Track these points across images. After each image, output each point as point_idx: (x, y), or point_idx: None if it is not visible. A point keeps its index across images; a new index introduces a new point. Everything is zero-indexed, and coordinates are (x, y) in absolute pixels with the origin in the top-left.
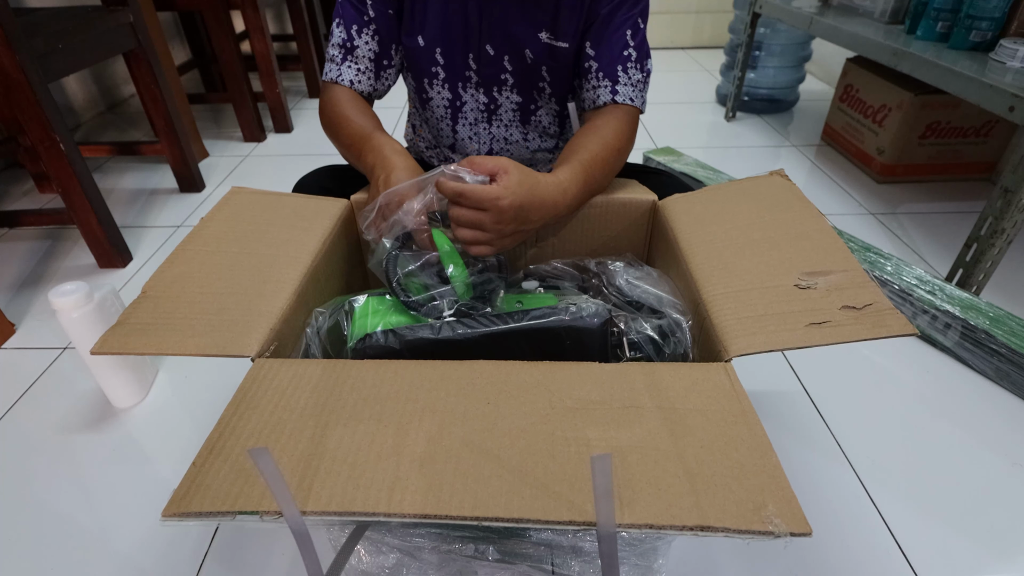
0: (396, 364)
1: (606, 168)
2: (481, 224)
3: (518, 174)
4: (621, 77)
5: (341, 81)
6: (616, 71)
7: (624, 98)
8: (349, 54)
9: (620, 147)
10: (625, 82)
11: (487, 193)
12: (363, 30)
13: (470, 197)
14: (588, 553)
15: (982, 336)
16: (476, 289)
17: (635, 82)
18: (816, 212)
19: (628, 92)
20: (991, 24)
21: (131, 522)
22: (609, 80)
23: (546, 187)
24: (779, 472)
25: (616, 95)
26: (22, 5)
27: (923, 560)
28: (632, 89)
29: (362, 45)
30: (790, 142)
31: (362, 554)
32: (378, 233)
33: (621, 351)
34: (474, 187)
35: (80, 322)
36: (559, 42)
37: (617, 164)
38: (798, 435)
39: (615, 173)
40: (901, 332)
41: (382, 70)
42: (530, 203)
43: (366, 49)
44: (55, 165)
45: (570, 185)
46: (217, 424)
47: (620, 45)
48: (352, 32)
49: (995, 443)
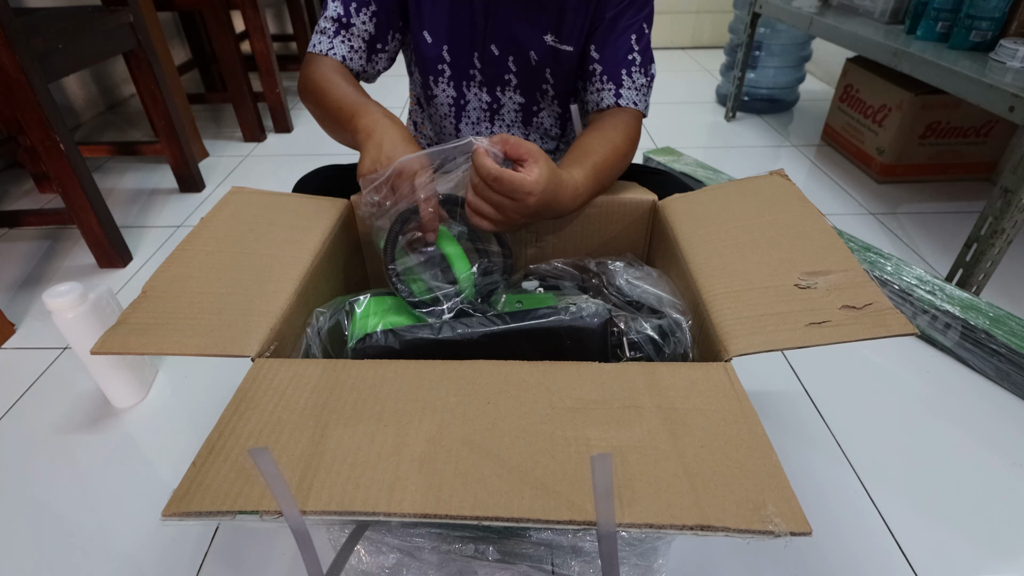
0: (396, 364)
1: (612, 172)
2: (503, 209)
3: (548, 170)
4: (625, 81)
5: (333, 55)
6: (620, 75)
7: (628, 102)
8: (344, 29)
9: (626, 151)
10: (629, 86)
11: (522, 186)
12: (362, 9)
13: (505, 184)
14: (588, 553)
15: (982, 336)
16: (478, 289)
17: (639, 86)
18: (816, 212)
19: (632, 96)
20: (991, 24)
21: (131, 522)
22: (613, 83)
23: (566, 189)
24: (779, 472)
25: (620, 98)
26: (22, 5)
27: (923, 560)
28: (636, 93)
29: (359, 23)
30: (790, 142)
31: (362, 554)
32: (382, 203)
33: (621, 351)
34: (512, 176)
35: (75, 322)
36: (563, 45)
37: (622, 167)
38: (798, 435)
39: (619, 176)
40: (901, 332)
41: (374, 53)
42: (551, 203)
43: (362, 28)
44: (55, 165)
45: (584, 190)
46: (217, 424)
47: (625, 49)
48: (350, 8)
49: (995, 443)
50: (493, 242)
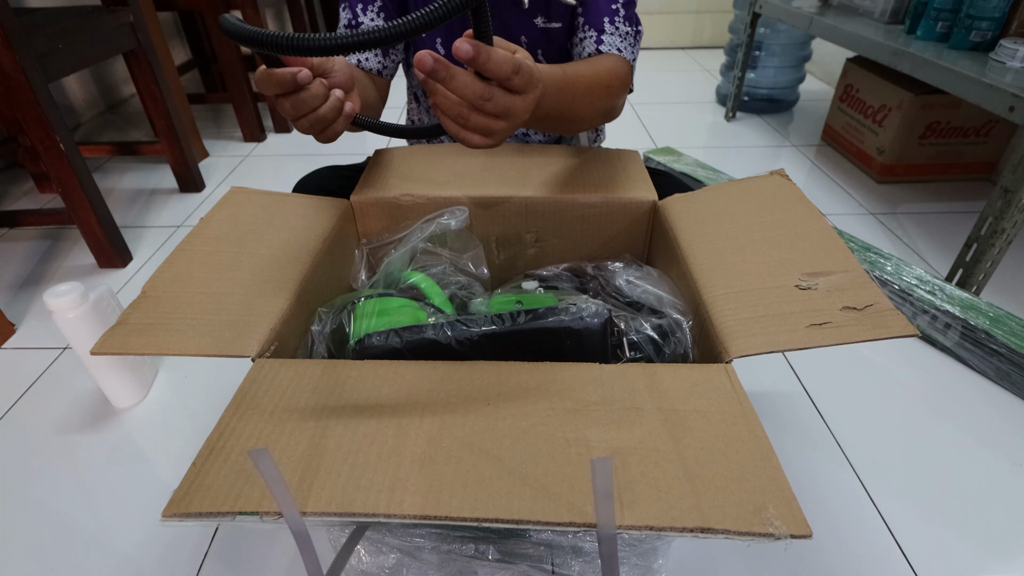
0: (396, 364)
1: (590, 95)
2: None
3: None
4: (607, 27)
5: (349, 60)
6: (603, 22)
7: (611, 47)
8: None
9: (608, 83)
10: (612, 32)
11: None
12: (368, 7)
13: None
14: (588, 553)
15: (982, 336)
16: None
17: (623, 34)
18: (816, 212)
19: (616, 42)
20: (991, 24)
21: (131, 522)
22: (595, 30)
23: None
24: (779, 474)
25: (601, 44)
26: (22, 5)
27: (923, 560)
28: (620, 40)
29: (367, 22)
30: (790, 142)
31: (362, 554)
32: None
33: (621, 351)
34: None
35: (76, 322)
36: (552, 23)
37: (603, 100)
38: (798, 435)
39: (597, 111)
40: (902, 333)
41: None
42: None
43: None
44: (55, 165)
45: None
46: (217, 424)
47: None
48: (357, 10)
49: (995, 443)
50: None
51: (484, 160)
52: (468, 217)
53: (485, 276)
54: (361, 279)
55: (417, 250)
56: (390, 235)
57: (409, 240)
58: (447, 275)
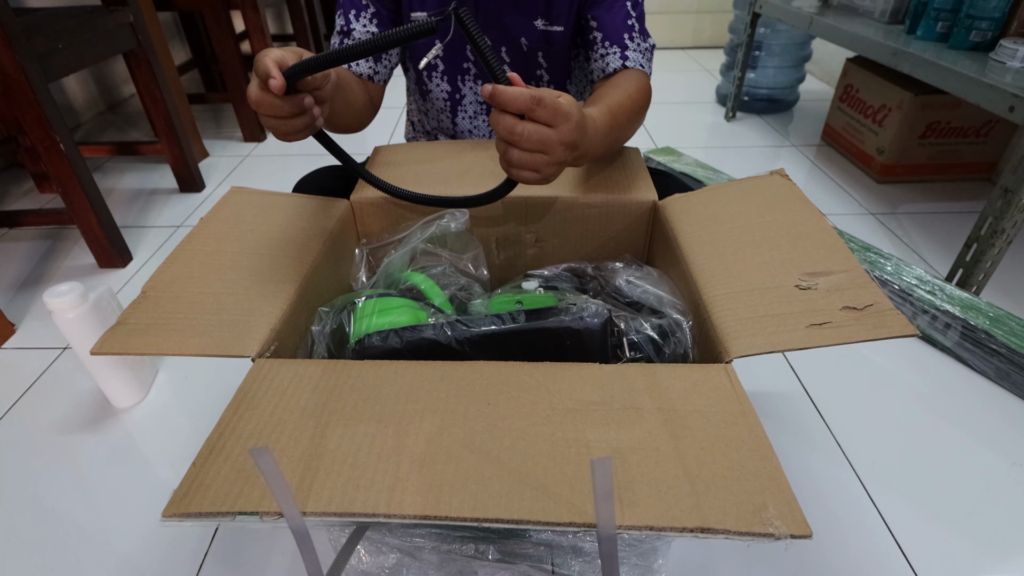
0: (396, 364)
1: (627, 121)
2: (546, 144)
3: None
4: (629, 44)
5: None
6: (623, 38)
7: (635, 63)
8: (346, 38)
9: (642, 105)
10: (634, 48)
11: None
12: (360, 14)
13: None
14: (588, 553)
15: (982, 336)
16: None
17: (642, 50)
18: (816, 212)
19: (638, 58)
20: (991, 24)
21: (131, 522)
22: (618, 47)
23: (590, 121)
24: (779, 474)
25: (627, 60)
26: (22, 5)
27: (923, 560)
28: (641, 56)
29: (359, 28)
30: (790, 142)
31: (362, 554)
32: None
33: (621, 351)
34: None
35: (76, 322)
36: (554, 26)
37: (637, 121)
38: (798, 435)
39: (632, 133)
40: (902, 333)
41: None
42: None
43: (363, 31)
44: (55, 165)
45: (602, 126)
46: (217, 424)
47: (623, 15)
48: (350, 16)
49: (995, 443)
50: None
51: (484, 160)
52: (468, 219)
53: (485, 277)
54: (361, 279)
55: (417, 251)
56: (390, 235)
57: (409, 241)
58: (447, 276)
